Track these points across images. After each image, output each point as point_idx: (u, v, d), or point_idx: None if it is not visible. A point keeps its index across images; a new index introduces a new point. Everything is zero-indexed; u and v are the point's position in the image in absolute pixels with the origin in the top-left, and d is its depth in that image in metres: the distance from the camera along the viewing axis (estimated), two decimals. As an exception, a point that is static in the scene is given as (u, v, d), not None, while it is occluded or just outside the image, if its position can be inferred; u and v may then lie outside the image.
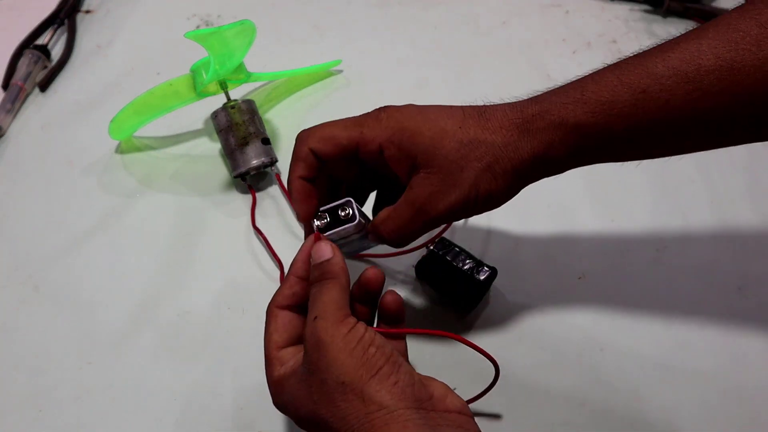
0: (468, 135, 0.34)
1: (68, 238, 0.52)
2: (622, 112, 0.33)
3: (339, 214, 0.37)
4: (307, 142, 0.37)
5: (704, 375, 0.44)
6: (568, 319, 0.47)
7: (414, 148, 0.35)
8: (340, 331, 0.30)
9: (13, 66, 0.63)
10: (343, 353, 0.30)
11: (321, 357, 0.30)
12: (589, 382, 0.44)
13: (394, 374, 0.30)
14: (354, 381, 0.29)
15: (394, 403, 0.29)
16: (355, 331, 0.30)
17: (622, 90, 0.33)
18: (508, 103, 0.36)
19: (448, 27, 0.69)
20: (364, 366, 0.30)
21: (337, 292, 0.32)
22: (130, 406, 0.43)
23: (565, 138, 0.34)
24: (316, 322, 0.31)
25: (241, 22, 0.51)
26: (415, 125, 0.35)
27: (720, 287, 0.48)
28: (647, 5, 0.70)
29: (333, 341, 0.30)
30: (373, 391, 0.29)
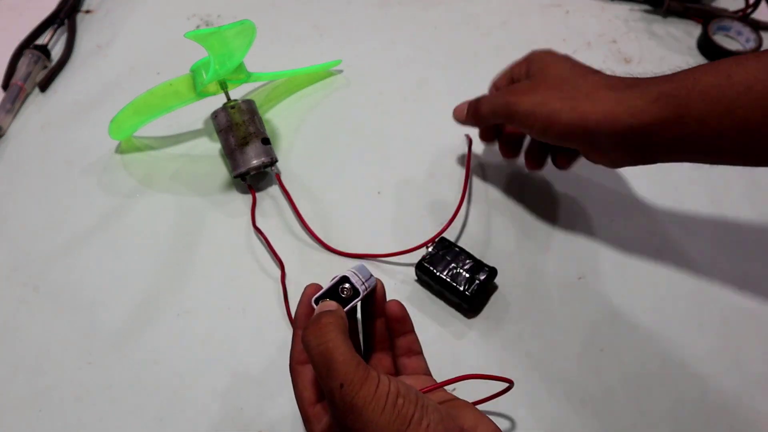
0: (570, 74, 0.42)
1: (68, 238, 0.52)
2: (704, 89, 0.35)
3: (341, 295, 0.35)
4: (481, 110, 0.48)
5: (704, 375, 0.44)
6: (568, 319, 0.47)
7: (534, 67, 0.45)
8: (369, 391, 0.30)
9: (13, 66, 0.63)
10: (376, 414, 0.29)
11: (355, 422, 0.30)
12: (589, 382, 0.44)
13: (425, 418, 0.30)
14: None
15: None
16: (382, 386, 0.30)
17: (710, 72, 0.36)
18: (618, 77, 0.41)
19: (448, 27, 0.69)
20: (397, 420, 0.29)
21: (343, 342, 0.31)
22: (130, 406, 0.43)
23: (643, 105, 0.37)
24: (344, 390, 0.30)
25: (241, 22, 0.51)
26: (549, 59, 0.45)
27: (720, 287, 0.48)
28: (647, 5, 0.70)
29: (364, 405, 0.30)
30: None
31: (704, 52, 0.66)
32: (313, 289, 0.37)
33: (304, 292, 0.38)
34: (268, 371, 0.45)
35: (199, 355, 0.46)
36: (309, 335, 0.32)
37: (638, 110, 0.37)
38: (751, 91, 0.34)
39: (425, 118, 0.60)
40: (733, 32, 0.67)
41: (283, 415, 0.43)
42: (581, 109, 0.38)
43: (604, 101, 0.38)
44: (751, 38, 0.65)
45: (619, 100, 0.38)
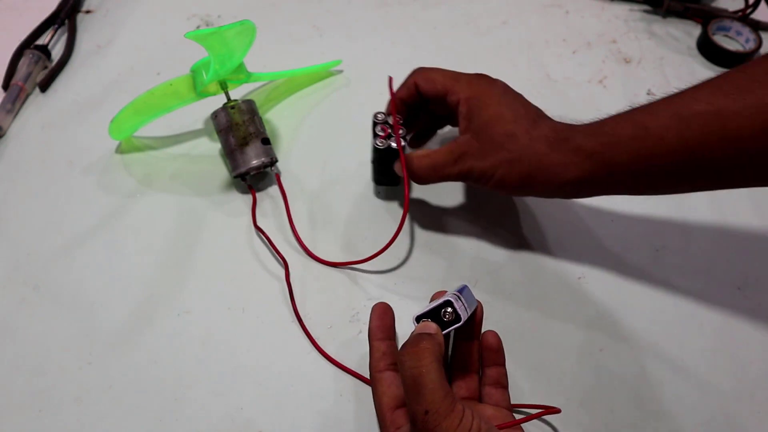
0: (515, 129, 0.42)
1: (68, 238, 0.52)
2: (625, 144, 0.39)
3: (442, 318, 0.36)
4: (416, 76, 0.48)
5: (704, 375, 0.44)
6: (568, 319, 0.47)
7: (477, 117, 0.44)
8: (452, 424, 0.31)
9: (13, 66, 0.63)
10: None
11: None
12: (589, 382, 0.44)
13: None
14: None
15: None
16: (465, 421, 0.31)
17: (628, 126, 0.39)
18: (557, 122, 0.43)
19: (448, 27, 0.69)
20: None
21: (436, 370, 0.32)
22: (130, 406, 0.43)
23: (579, 162, 0.40)
24: (428, 417, 0.31)
25: (241, 22, 0.51)
26: (488, 101, 0.44)
27: (720, 287, 0.48)
28: (647, 5, 0.70)
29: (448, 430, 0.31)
30: None
31: (704, 52, 0.66)
32: (383, 308, 0.42)
33: (374, 309, 0.42)
34: (268, 371, 0.45)
35: (199, 355, 0.46)
36: (405, 355, 0.33)
37: (575, 167, 0.40)
38: (664, 141, 0.37)
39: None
40: (733, 32, 0.67)
41: (283, 415, 0.43)
42: (529, 172, 0.42)
43: (547, 162, 0.41)
44: (750, 38, 0.65)
45: (559, 160, 0.41)
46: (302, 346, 0.46)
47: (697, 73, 0.64)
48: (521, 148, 0.42)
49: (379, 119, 0.50)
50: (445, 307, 0.36)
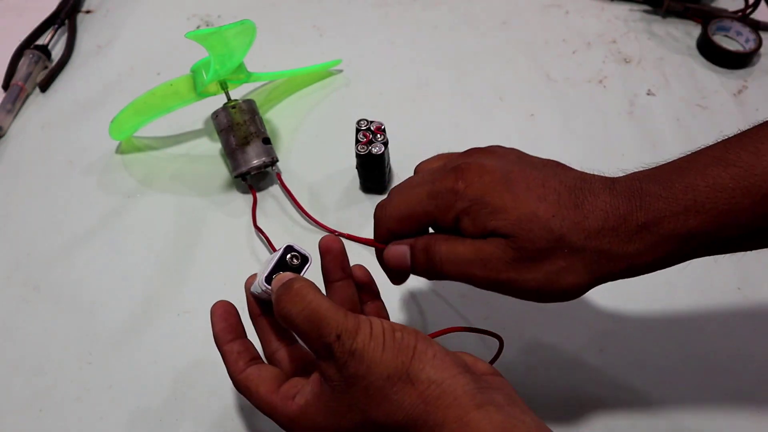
0: (561, 228, 0.31)
1: (68, 238, 0.52)
2: (741, 220, 0.30)
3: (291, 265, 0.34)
4: (385, 223, 0.36)
5: (704, 375, 0.44)
6: (568, 319, 0.47)
7: (494, 222, 0.32)
8: (365, 333, 0.29)
9: (13, 66, 0.63)
10: (378, 351, 0.29)
11: (358, 365, 0.29)
12: (589, 382, 0.44)
13: (430, 348, 0.30)
14: (398, 369, 0.29)
15: (440, 375, 0.29)
16: (376, 326, 0.30)
17: (740, 194, 0.30)
18: (610, 195, 0.32)
19: (448, 27, 0.69)
20: (400, 351, 0.29)
21: (325, 300, 0.31)
22: (130, 406, 0.43)
23: (672, 250, 0.32)
24: (341, 340, 0.29)
25: (241, 22, 0.51)
26: (499, 202, 0.32)
27: (720, 287, 0.48)
28: (647, 5, 0.70)
29: (364, 347, 0.29)
30: (417, 371, 0.29)
31: (704, 52, 0.66)
32: (223, 307, 0.36)
33: (213, 311, 0.36)
34: (268, 371, 0.45)
35: (199, 355, 0.46)
36: (287, 304, 0.30)
37: (665, 255, 0.32)
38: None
39: (425, 118, 0.60)
40: (733, 32, 0.67)
41: (283, 415, 0.43)
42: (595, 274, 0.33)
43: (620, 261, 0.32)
44: (750, 38, 0.65)
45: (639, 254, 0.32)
46: (302, 346, 0.46)
47: (697, 73, 0.64)
48: (580, 251, 0.32)
49: (362, 126, 0.50)
50: (286, 254, 0.34)
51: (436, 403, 0.28)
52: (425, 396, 0.28)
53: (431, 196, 0.34)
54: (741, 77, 0.64)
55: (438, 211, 0.34)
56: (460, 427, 0.27)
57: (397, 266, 0.36)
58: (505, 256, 0.32)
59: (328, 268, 0.37)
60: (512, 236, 0.32)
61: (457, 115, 0.60)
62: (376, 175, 0.52)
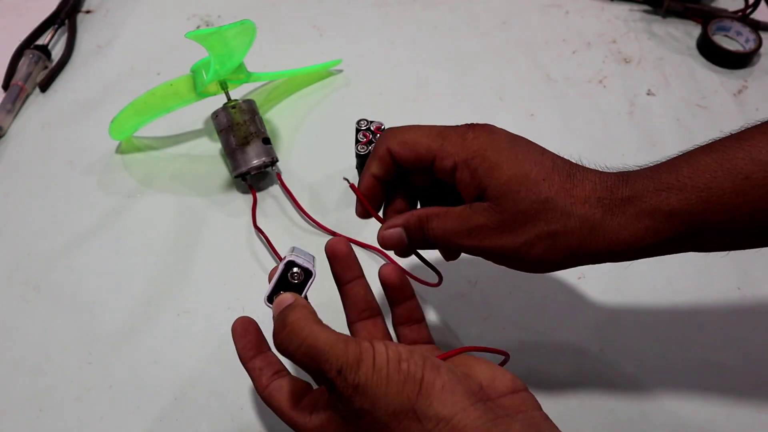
0: (548, 191, 0.32)
1: (68, 238, 0.52)
2: (722, 200, 0.30)
3: (292, 282, 0.33)
4: (388, 141, 0.35)
5: (704, 375, 0.44)
6: (568, 319, 0.47)
7: (487, 180, 0.33)
8: (368, 365, 0.28)
9: (13, 66, 0.63)
10: (382, 386, 0.28)
11: (363, 400, 0.28)
12: (589, 382, 0.44)
13: (438, 378, 0.28)
14: (403, 405, 0.28)
15: (449, 411, 0.27)
16: (379, 355, 0.29)
17: (722, 175, 0.30)
18: (600, 173, 0.33)
19: (448, 27, 0.69)
20: (406, 384, 0.28)
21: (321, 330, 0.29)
22: (130, 406, 0.43)
23: (655, 227, 0.31)
24: (341, 376, 0.28)
25: (241, 22, 0.51)
26: (497, 158, 0.33)
27: (720, 287, 0.48)
28: (647, 5, 0.70)
29: (367, 381, 0.28)
30: (424, 407, 0.27)
31: (704, 52, 0.66)
32: (241, 325, 0.36)
33: (233, 331, 0.36)
34: (268, 371, 0.45)
35: (199, 355, 0.46)
36: (283, 341, 0.30)
37: (649, 233, 0.32)
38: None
39: (425, 118, 0.60)
40: (733, 32, 0.67)
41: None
42: (579, 245, 0.32)
43: (606, 230, 0.32)
44: (750, 38, 0.65)
45: (623, 227, 0.32)
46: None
47: (697, 73, 0.64)
48: (564, 215, 0.32)
49: (362, 126, 0.51)
50: (288, 270, 0.33)
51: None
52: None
53: (441, 135, 0.34)
54: (741, 77, 0.64)
55: (441, 151, 0.34)
56: None
57: (395, 247, 0.36)
58: (489, 222, 0.33)
59: (337, 271, 0.36)
60: (498, 199, 0.32)
61: (457, 115, 0.60)
62: None
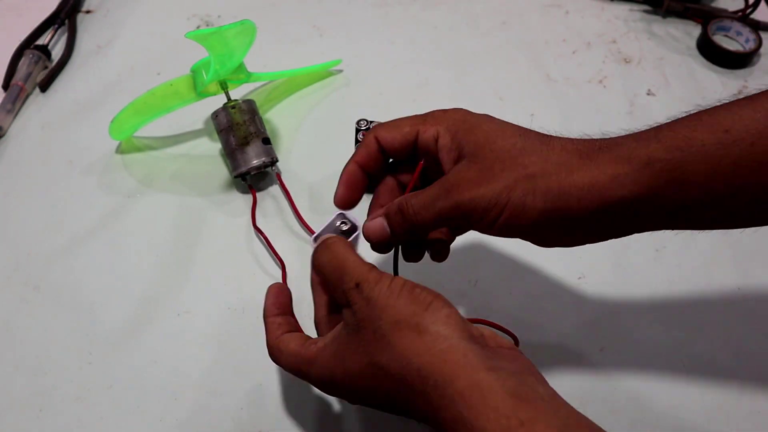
0: (524, 142, 0.33)
1: (68, 238, 0.52)
2: (701, 150, 0.29)
3: (342, 230, 0.37)
4: (375, 130, 0.37)
5: (704, 375, 0.44)
6: (568, 319, 0.47)
7: (467, 138, 0.34)
8: (384, 284, 0.30)
9: (13, 66, 0.63)
10: (392, 298, 0.30)
11: (371, 310, 0.30)
12: (589, 382, 0.44)
13: (446, 308, 0.30)
14: (408, 317, 0.29)
15: (450, 332, 0.28)
16: (396, 279, 0.31)
17: (702, 128, 0.30)
18: (577, 138, 0.34)
19: (448, 27, 0.69)
20: (415, 303, 0.29)
21: (352, 254, 0.33)
22: (130, 406, 0.43)
23: (634, 173, 0.30)
24: (359, 288, 0.31)
25: (241, 22, 0.51)
26: (476, 121, 0.35)
27: (720, 287, 0.48)
28: (647, 5, 0.70)
29: (380, 294, 0.30)
30: (428, 323, 0.29)
31: (704, 52, 0.66)
32: (277, 288, 0.38)
33: (268, 290, 0.38)
34: (268, 371, 0.45)
35: (199, 355, 0.46)
36: (319, 255, 0.34)
37: (628, 179, 0.30)
38: (754, 148, 0.29)
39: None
40: (733, 32, 0.67)
41: (283, 415, 0.43)
42: (559, 190, 0.31)
43: (585, 176, 0.31)
44: (750, 38, 0.65)
45: (600, 168, 0.31)
46: (302, 346, 0.46)
47: (697, 73, 0.64)
48: (541, 159, 0.32)
49: (362, 126, 0.51)
50: (339, 219, 0.37)
51: (444, 357, 0.27)
52: (432, 348, 0.28)
53: (423, 116, 0.36)
54: (741, 77, 0.64)
55: (423, 125, 0.35)
56: (469, 386, 0.26)
57: (379, 238, 0.36)
58: (467, 175, 0.33)
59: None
60: (476, 153, 0.33)
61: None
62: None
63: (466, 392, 0.26)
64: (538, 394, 0.27)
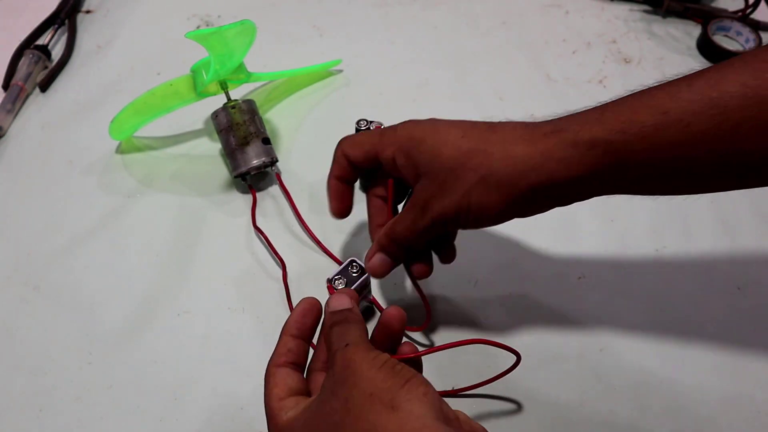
0: (468, 144, 0.35)
1: (68, 238, 0.52)
2: (641, 131, 0.32)
3: (352, 274, 0.41)
4: (341, 145, 0.40)
5: (704, 375, 0.44)
6: (568, 319, 0.47)
7: (418, 156, 0.36)
8: (369, 355, 0.30)
9: (13, 66, 0.63)
10: (372, 369, 0.29)
11: (348, 375, 0.29)
12: (589, 382, 0.44)
13: (423, 386, 0.29)
14: (383, 391, 0.28)
15: (425, 412, 0.28)
16: (383, 354, 0.30)
17: (643, 111, 0.32)
18: (523, 122, 0.36)
19: (448, 27, 0.69)
20: (393, 378, 0.29)
21: (362, 332, 0.32)
22: (130, 406, 0.43)
23: (579, 156, 0.33)
24: (347, 348, 0.30)
25: (241, 22, 0.51)
26: (421, 135, 0.37)
27: (720, 287, 0.48)
28: (647, 5, 0.70)
29: (362, 362, 0.29)
30: (403, 400, 0.28)
31: (704, 52, 0.66)
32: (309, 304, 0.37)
33: (299, 303, 0.37)
34: (268, 371, 0.45)
35: (199, 355, 0.46)
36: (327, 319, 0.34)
37: (573, 162, 0.33)
38: (691, 128, 0.31)
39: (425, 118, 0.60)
40: (733, 32, 0.67)
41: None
42: (511, 182, 0.34)
43: (533, 164, 0.33)
44: (750, 38, 0.65)
45: (548, 157, 0.33)
46: (302, 346, 0.46)
47: (697, 73, 0.64)
48: (487, 159, 0.34)
49: (362, 126, 0.51)
50: (350, 265, 0.41)
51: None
52: (403, 427, 0.27)
53: (380, 133, 0.39)
54: (741, 77, 0.64)
55: (381, 144, 0.38)
56: None
57: (385, 271, 0.40)
58: (430, 193, 0.36)
59: None
60: (429, 170, 0.36)
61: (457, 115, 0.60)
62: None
63: None
64: None
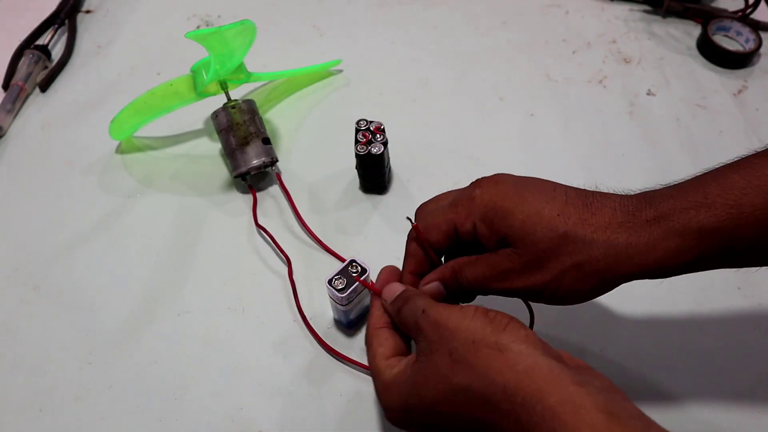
0: (565, 225, 0.32)
1: (68, 238, 0.52)
2: (753, 216, 0.30)
3: (352, 274, 0.40)
4: (416, 237, 0.37)
5: (704, 375, 0.44)
6: (568, 319, 0.47)
7: (505, 228, 0.33)
8: (455, 308, 0.30)
9: (13, 66, 0.63)
10: (465, 320, 0.29)
11: (443, 331, 0.29)
12: (589, 382, 0.44)
13: (524, 329, 0.29)
14: (485, 336, 0.28)
15: (532, 350, 0.28)
16: (469, 305, 0.30)
17: (752, 192, 0.30)
18: (619, 197, 0.33)
19: (448, 27, 0.69)
20: (490, 324, 0.29)
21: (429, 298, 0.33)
22: (130, 406, 0.43)
23: (685, 245, 0.31)
24: (427, 313, 0.31)
25: (241, 22, 0.51)
26: (508, 206, 0.33)
27: (720, 287, 0.48)
28: (647, 5, 0.70)
29: (449, 316, 0.30)
30: (509, 341, 0.28)
31: (704, 52, 0.66)
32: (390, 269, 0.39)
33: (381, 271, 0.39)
34: (268, 371, 0.45)
35: (199, 355, 0.46)
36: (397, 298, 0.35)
37: (681, 251, 0.31)
38: None
39: (425, 118, 0.60)
40: (733, 32, 0.67)
41: (284, 415, 0.43)
42: (608, 270, 0.32)
43: (634, 253, 0.31)
44: (750, 38, 0.65)
45: (651, 242, 0.31)
46: (303, 345, 0.46)
47: (697, 73, 0.64)
48: (585, 245, 0.32)
49: (362, 126, 0.51)
50: (350, 265, 0.41)
51: (530, 374, 0.27)
52: (515, 366, 0.27)
53: (452, 205, 0.36)
54: (741, 77, 0.64)
55: (458, 218, 0.35)
56: (561, 402, 0.25)
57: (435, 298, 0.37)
58: (514, 265, 0.33)
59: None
60: (518, 243, 0.33)
61: (457, 115, 0.61)
62: (376, 174, 0.52)
63: (558, 408, 0.25)
64: (629, 412, 0.26)
